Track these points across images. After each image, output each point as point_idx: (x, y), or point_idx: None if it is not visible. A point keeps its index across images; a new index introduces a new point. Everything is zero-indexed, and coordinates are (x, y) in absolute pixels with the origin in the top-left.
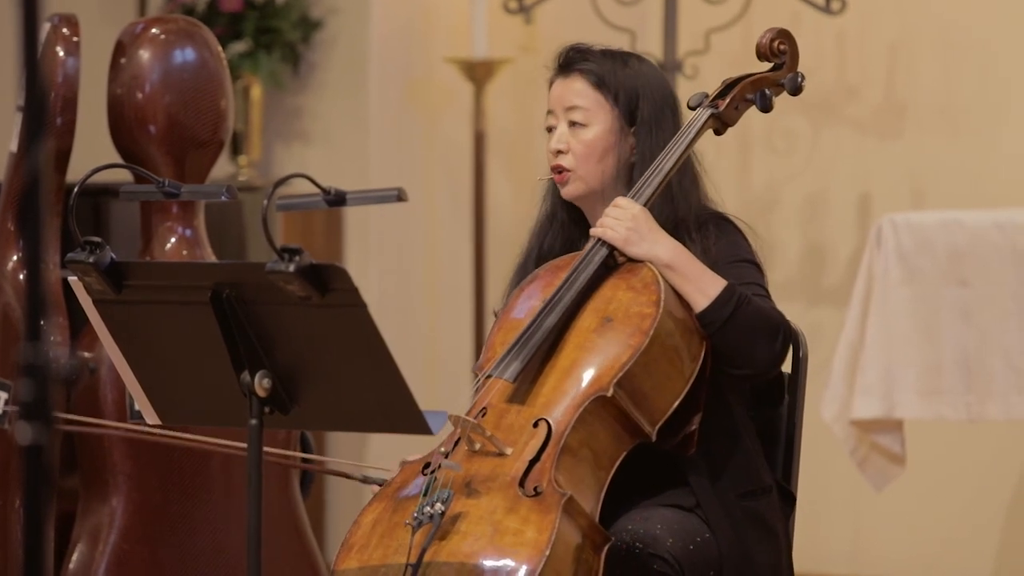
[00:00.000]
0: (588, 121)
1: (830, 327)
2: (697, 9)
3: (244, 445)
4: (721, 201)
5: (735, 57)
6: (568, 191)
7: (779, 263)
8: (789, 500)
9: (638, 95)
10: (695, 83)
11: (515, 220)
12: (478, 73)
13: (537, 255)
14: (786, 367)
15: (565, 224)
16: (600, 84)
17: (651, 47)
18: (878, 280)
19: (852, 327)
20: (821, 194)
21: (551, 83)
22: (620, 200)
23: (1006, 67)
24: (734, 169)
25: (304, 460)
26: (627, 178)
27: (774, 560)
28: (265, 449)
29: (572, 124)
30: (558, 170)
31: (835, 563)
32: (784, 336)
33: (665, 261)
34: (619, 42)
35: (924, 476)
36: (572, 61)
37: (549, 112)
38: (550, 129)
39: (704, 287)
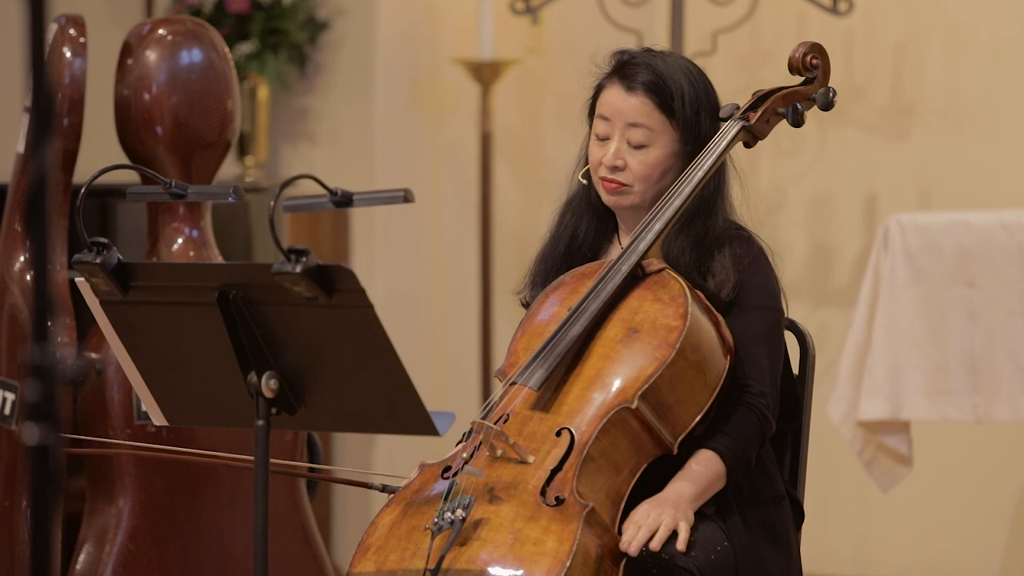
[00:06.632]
0: (651, 142)
1: (837, 328)
2: (704, 10)
3: (251, 458)
4: (739, 202)
5: (742, 58)
6: (618, 202)
7: (786, 263)
8: (798, 510)
9: (699, 114)
10: None
11: (522, 220)
12: (485, 74)
13: (570, 240)
14: (793, 368)
15: (599, 216)
16: (666, 106)
17: None
18: (885, 281)
19: (859, 328)
20: (828, 195)
21: (601, 87)
22: (637, 513)
23: (1012, 68)
24: (741, 169)
25: (315, 471)
26: None
27: (785, 569)
28: (282, 462)
29: (632, 141)
30: (611, 182)
31: (842, 564)
32: (764, 437)
33: (692, 506)
34: (625, 43)
35: (931, 477)
36: (636, 73)
37: (604, 118)
38: (602, 137)
39: (715, 483)
